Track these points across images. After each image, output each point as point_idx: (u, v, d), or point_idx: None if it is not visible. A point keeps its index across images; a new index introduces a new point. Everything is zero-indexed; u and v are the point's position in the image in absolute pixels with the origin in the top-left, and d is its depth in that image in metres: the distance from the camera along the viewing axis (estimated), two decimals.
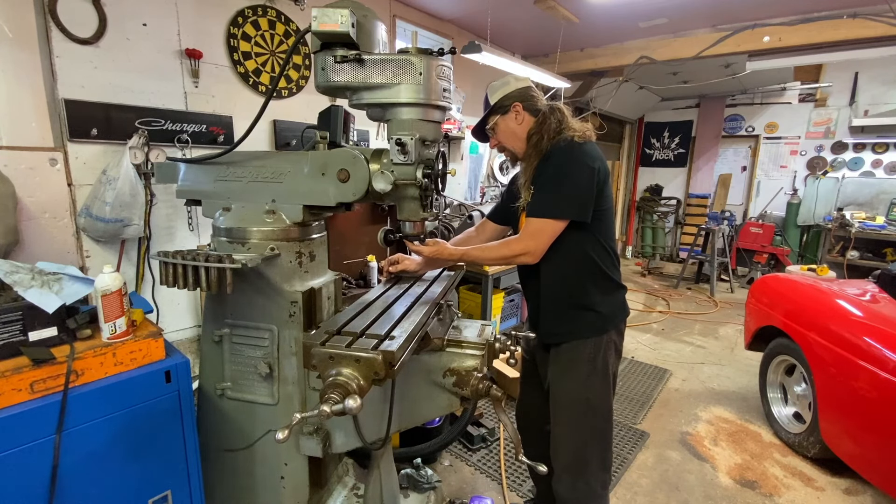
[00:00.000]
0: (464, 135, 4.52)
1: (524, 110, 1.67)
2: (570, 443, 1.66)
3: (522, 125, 1.67)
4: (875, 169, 6.39)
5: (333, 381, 1.03)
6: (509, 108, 1.66)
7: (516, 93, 1.67)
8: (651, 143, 8.38)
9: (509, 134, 1.70)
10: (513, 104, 1.66)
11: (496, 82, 1.71)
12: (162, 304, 2.62)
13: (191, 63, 2.65)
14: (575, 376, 1.65)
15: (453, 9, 4.17)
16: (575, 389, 1.65)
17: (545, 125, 1.62)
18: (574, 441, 1.66)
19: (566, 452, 1.66)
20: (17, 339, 1.21)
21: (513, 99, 1.66)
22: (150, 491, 1.40)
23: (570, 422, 1.67)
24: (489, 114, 1.71)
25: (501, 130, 1.71)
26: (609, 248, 1.66)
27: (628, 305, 1.78)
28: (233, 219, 1.42)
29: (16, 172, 2.06)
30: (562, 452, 1.67)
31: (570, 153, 1.56)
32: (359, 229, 3.47)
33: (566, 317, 1.66)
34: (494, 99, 1.68)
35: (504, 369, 3.15)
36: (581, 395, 1.64)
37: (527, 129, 1.66)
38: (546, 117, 1.63)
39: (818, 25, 3.98)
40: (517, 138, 1.69)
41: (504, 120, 1.69)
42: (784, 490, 2.42)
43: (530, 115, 1.67)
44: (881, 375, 2.09)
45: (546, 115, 1.64)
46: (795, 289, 2.93)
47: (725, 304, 5.73)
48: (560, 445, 1.67)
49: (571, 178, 1.53)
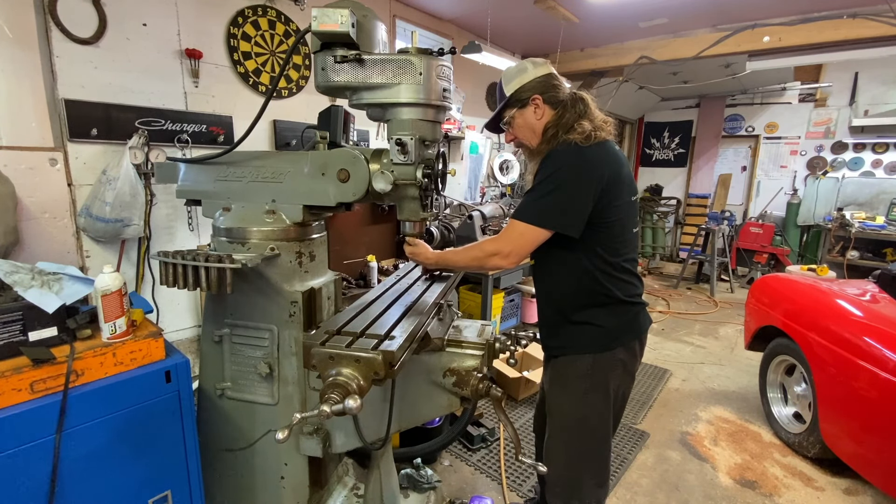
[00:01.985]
0: (464, 135, 4.52)
1: (544, 103, 1.48)
2: (563, 458, 1.58)
3: (542, 119, 1.49)
4: (875, 169, 6.39)
5: (333, 381, 1.03)
6: (528, 101, 1.49)
7: (535, 83, 1.49)
8: (651, 143, 8.38)
9: (527, 129, 1.53)
10: (532, 97, 1.48)
11: (511, 69, 1.53)
12: (162, 304, 2.62)
13: (191, 63, 2.65)
14: (570, 391, 1.54)
15: (453, 9, 4.17)
16: (569, 404, 1.55)
17: (563, 119, 1.44)
18: (567, 457, 1.57)
19: (559, 467, 1.58)
20: (17, 339, 1.21)
21: (531, 91, 1.48)
22: (150, 491, 1.40)
23: (563, 437, 1.58)
24: (504, 107, 1.54)
25: (518, 125, 1.54)
26: (614, 262, 1.47)
27: (645, 321, 1.60)
28: (233, 219, 1.42)
29: (16, 172, 2.06)
30: (554, 467, 1.57)
31: (569, 159, 1.39)
32: (359, 229, 3.47)
33: (562, 330, 1.55)
34: (510, 90, 1.50)
35: (504, 369, 3.15)
36: (576, 412, 1.54)
37: (544, 123, 1.49)
38: (566, 110, 1.46)
39: (818, 25, 3.98)
40: (534, 133, 1.52)
41: (522, 114, 1.51)
42: (784, 490, 2.42)
43: (551, 107, 1.49)
44: (881, 375, 2.09)
45: (567, 106, 1.47)
46: (795, 289, 2.93)
47: (725, 304, 5.73)
48: (553, 459, 1.59)
49: (564, 189, 1.37)
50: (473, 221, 3.54)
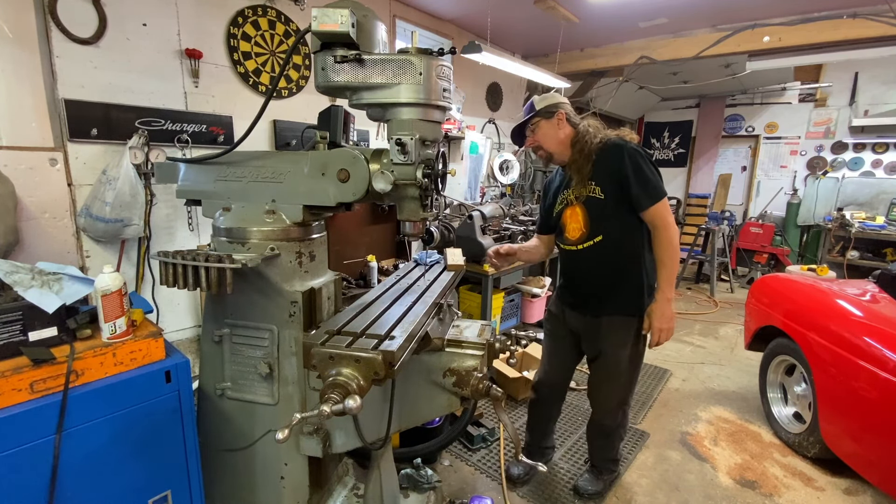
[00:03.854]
0: (464, 135, 4.52)
1: (567, 122, 1.96)
2: (623, 393, 2.10)
3: (563, 132, 1.95)
4: (875, 169, 6.39)
5: (333, 381, 1.03)
6: (554, 114, 1.94)
7: (561, 105, 1.96)
8: (651, 143, 8.38)
9: (550, 137, 1.96)
10: (558, 111, 1.94)
11: (543, 95, 2.01)
12: (162, 304, 2.63)
13: (191, 63, 2.65)
14: (628, 344, 1.99)
15: (453, 9, 4.17)
16: (628, 353, 2.01)
17: (588, 134, 1.91)
18: (627, 391, 2.12)
19: (618, 399, 2.10)
20: (17, 339, 1.21)
21: (558, 108, 1.94)
22: (150, 491, 1.40)
23: (621, 379, 2.06)
24: (534, 115, 1.96)
25: (543, 132, 1.97)
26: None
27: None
28: (233, 219, 1.42)
29: (16, 172, 2.07)
30: (615, 398, 2.10)
31: (631, 149, 1.83)
32: (359, 229, 3.47)
33: (623, 293, 1.95)
34: (541, 105, 1.95)
35: (504, 369, 3.15)
36: (635, 359, 2.05)
37: (570, 137, 1.95)
38: (586, 129, 1.94)
39: (818, 25, 3.98)
40: (558, 142, 1.96)
41: (548, 123, 1.95)
42: (784, 490, 2.42)
43: (570, 126, 1.96)
44: (881, 375, 2.09)
45: (585, 126, 1.95)
46: (795, 289, 2.93)
47: (725, 304, 5.73)
48: (613, 395, 2.09)
49: (648, 167, 1.83)
50: (473, 221, 3.54)
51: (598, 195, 1.88)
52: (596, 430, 2.25)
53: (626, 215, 1.87)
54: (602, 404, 2.14)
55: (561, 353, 2.24)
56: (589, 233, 1.93)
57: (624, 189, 1.83)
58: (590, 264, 1.97)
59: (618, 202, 1.86)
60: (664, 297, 1.88)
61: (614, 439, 2.25)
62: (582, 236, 1.95)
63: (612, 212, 1.88)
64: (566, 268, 2.13)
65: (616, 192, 1.85)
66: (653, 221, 1.85)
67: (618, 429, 2.20)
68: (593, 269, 1.98)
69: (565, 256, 2.09)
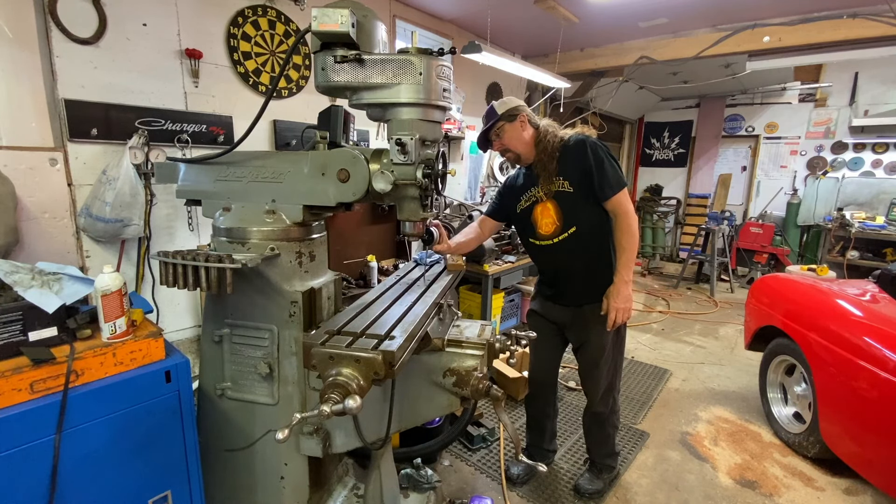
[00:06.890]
0: (464, 135, 4.52)
1: (528, 123, 2.03)
2: (610, 377, 2.18)
3: (527, 133, 2.03)
4: (875, 169, 6.39)
5: (333, 381, 1.03)
6: (516, 117, 2.00)
7: (521, 108, 2.03)
8: (651, 143, 8.38)
9: (516, 138, 2.02)
10: (520, 114, 2.01)
11: (502, 100, 2.08)
12: (162, 304, 2.62)
13: (191, 63, 2.65)
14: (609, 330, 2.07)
15: (453, 9, 4.17)
16: (611, 338, 2.10)
17: (548, 134, 2.00)
18: (613, 375, 2.19)
19: (606, 383, 2.18)
20: (17, 339, 1.21)
21: (519, 111, 2.01)
22: (150, 491, 1.40)
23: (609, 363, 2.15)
24: (497, 120, 2.01)
25: (508, 136, 2.02)
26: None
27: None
28: (233, 219, 1.42)
29: (16, 172, 2.06)
30: (603, 383, 2.17)
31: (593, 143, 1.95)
32: (359, 229, 3.47)
33: (601, 283, 2.02)
34: (503, 109, 2.00)
35: (504, 369, 3.15)
36: (618, 342, 2.15)
37: (533, 138, 2.03)
38: (546, 129, 2.03)
39: (818, 25, 3.98)
40: (524, 143, 2.03)
41: (512, 127, 2.01)
42: (784, 490, 2.42)
43: (532, 126, 2.05)
44: (881, 375, 2.09)
45: (545, 126, 2.04)
46: (795, 289, 2.93)
47: (725, 304, 5.73)
48: (602, 379, 2.16)
49: (608, 160, 1.93)
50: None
51: (567, 188, 1.98)
52: (590, 420, 2.31)
53: (595, 206, 1.99)
54: (592, 391, 2.22)
55: (546, 345, 2.29)
56: (563, 225, 2.02)
57: (589, 181, 1.94)
58: (567, 256, 2.05)
59: (586, 194, 1.97)
60: (622, 279, 1.97)
61: (608, 427, 2.29)
62: (556, 230, 2.03)
63: (582, 203, 1.98)
64: (543, 264, 2.21)
65: (583, 185, 1.96)
66: (614, 210, 1.96)
67: (610, 416, 2.26)
68: (571, 259, 2.06)
69: (540, 252, 2.15)
